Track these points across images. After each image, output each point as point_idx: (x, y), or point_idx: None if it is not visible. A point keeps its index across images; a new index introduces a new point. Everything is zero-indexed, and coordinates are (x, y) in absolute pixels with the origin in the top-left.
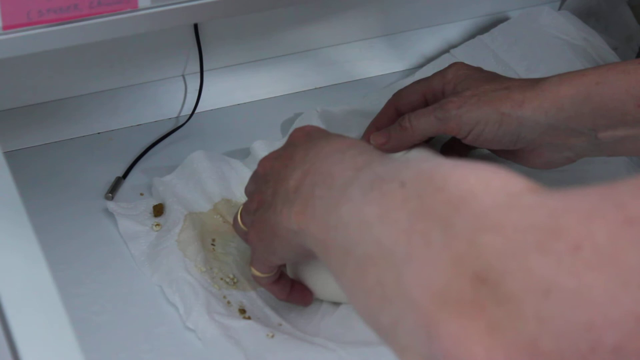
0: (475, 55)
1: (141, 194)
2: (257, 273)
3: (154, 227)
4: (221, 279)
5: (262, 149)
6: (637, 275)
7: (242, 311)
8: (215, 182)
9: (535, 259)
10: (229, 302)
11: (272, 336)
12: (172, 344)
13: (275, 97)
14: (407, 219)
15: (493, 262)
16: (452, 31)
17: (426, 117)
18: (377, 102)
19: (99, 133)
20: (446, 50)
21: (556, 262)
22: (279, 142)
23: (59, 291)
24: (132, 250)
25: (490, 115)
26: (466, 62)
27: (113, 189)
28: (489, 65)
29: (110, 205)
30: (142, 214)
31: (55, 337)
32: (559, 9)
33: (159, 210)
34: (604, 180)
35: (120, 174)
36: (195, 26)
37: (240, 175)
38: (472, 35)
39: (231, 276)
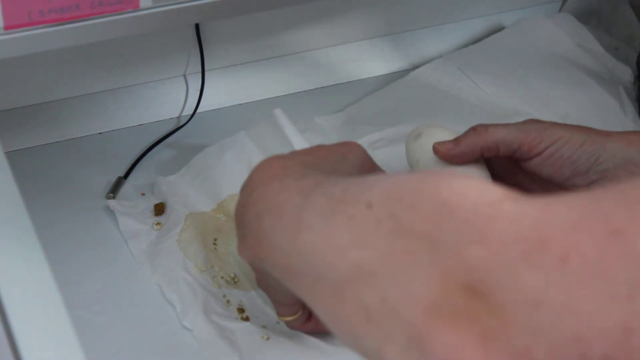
0: (468, 63)
1: (142, 194)
2: (284, 318)
3: (154, 226)
4: (222, 277)
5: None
6: (624, 287)
7: (241, 310)
8: (225, 176)
9: (523, 271)
10: (228, 302)
11: (268, 339)
12: (173, 344)
13: (276, 97)
14: (385, 240)
15: (482, 275)
16: (451, 32)
17: (505, 126)
18: (373, 105)
19: (100, 133)
20: (443, 53)
21: (545, 274)
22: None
23: (60, 290)
24: (132, 248)
25: (575, 133)
26: (459, 68)
27: (114, 189)
28: (480, 74)
29: (112, 203)
30: (143, 213)
31: (56, 337)
32: (560, 10)
33: (160, 209)
34: None
35: (121, 173)
36: (197, 26)
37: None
38: (471, 37)
39: (232, 275)
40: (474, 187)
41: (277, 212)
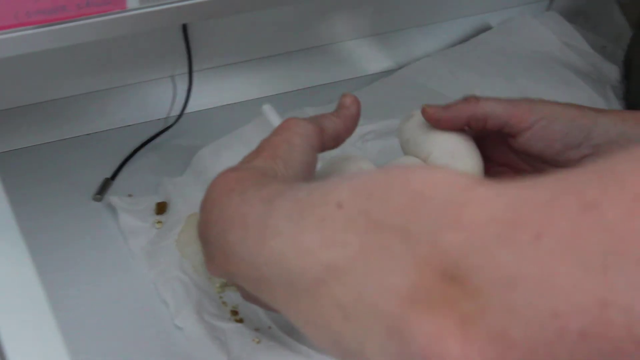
0: (456, 62)
1: (130, 195)
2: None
3: (155, 224)
4: (219, 279)
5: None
6: (598, 259)
7: (235, 313)
8: None
9: (497, 251)
10: (224, 303)
11: (258, 342)
12: (162, 345)
13: (264, 97)
14: (358, 237)
15: (458, 259)
16: (439, 32)
17: (496, 99)
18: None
19: (87, 134)
20: (430, 53)
21: (519, 253)
22: None
23: (47, 293)
24: (131, 245)
25: (567, 108)
26: (447, 67)
27: (101, 190)
28: (468, 73)
29: (113, 199)
30: (144, 211)
31: (42, 339)
32: (547, 9)
33: (161, 208)
34: None
35: (109, 175)
36: (184, 27)
37: None
38: (459, 36)
39: None
40: (444, 176)
41: (241, 224)
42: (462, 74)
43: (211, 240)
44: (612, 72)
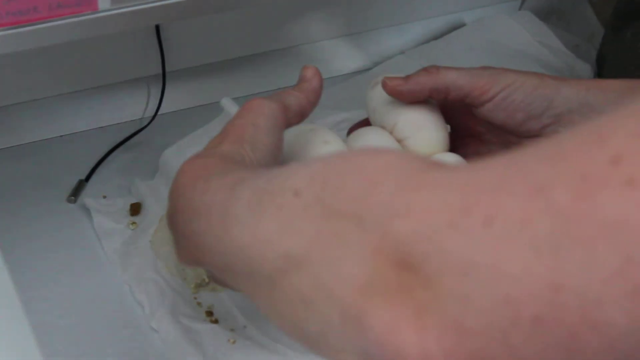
0: (429, 59)
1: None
2: None
3: (130, 225)
4: (193, 279)
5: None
6: (549, 242)
7: (210, 313)
8: None
9: (449, 238)
10: (199, 303)
11: (234, 342)
12: (137, 346)
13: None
14: (314, 226)
15: (410, 248)
16: (412, 31)
17: (457, 69)
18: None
19: (61, 136)
20: (402, 51)
21: (470, 239)
22: None
23: (20, 294)
24: (105, 247)
25: (529, 77)
26: (420, 64)
27: (75, 192)
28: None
29: (88, 200)
30: (119, 212)
31: (14, 342)
32: (520, 8)
33: (136, 209)
34: None
35: (83, 176)
36: (157, 27)
37: None
38: (432, 35)
39: (203, 277)
40: (396, 160)
41: (205, 214)
42: None
43: (178, 229)
44: (585, 70)
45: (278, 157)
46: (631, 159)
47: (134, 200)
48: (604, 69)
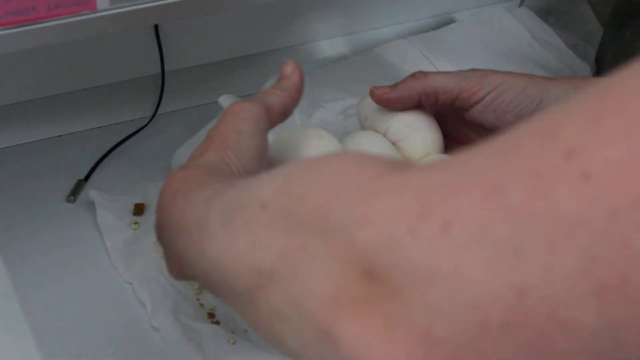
0: (429, 47)
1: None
2: None
3: (132, 224)
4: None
5: None
6: (508, 244)
7: (212, 315)
8: None
9: (410, 246)
10: (201, 305)
11: (234, 343)
12: (136, 346)
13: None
14: (281, 239)
15: (374, 258)
16: (409, 30)
17: (445, 73)
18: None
19: (60, 136)
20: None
21: (430, 245)
22: None
23: (19, 295)
24: (107, 242)
25: (517, 78)
26: (421, 51)
27: (75, 192)
28: (441, 60)
29: (93, 193)
30: (122, 209)
31: (13, 342)
32: (519, 6)
33: (140, 209)
34: None
35: (82, 176)
36: (156, 27)
37: None
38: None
39: None
40: (355, 164)
41: (185, 229)
42: (436, 59)
43: (165, 244)
44: (584, 70)
45: (264, 160)
46: (584, 152)
47: (138, 200)
48: (603, 68)
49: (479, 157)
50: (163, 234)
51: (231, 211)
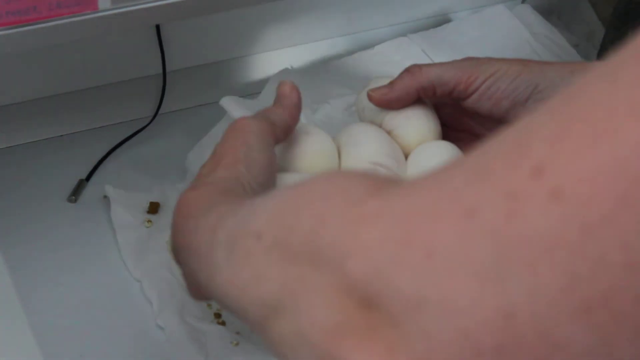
0: (430, 45)
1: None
2: None
3: (146, 222)
4: None
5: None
6: (491, 269)
7: (218, 315)
8: None
9: (397, 275)
10: (209, 305)
11: (237, 344)
12: (139, 345)
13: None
14: (279, 270)
15: (365, 287)
16: (409, 31)
17: (440, 65)
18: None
19: (61, 135)
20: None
21: (415, 275)
22: None
23: (20, 295)
24: (119, 238)
25: (512, 64)
26: (422, 49)
27: (76, 192)
28: (441, 58)
29: (108, 188)
30: (137, 206)
31: (14, 342)
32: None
33: (154, 208)
34: None
35: (83, 176)
36: (157, 27)
37: None
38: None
39: None
40: (340, 189)
41: (196, 254)
42: (436, 57)
43: (182, 266)
44: None
45: (274, 173)
46: (552, 168)
47: (154, 198)
48: None
49: (453, 176)
50: (179, 254)
51: (232, 242)
